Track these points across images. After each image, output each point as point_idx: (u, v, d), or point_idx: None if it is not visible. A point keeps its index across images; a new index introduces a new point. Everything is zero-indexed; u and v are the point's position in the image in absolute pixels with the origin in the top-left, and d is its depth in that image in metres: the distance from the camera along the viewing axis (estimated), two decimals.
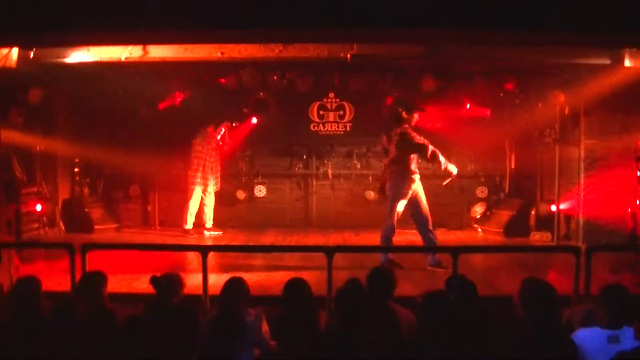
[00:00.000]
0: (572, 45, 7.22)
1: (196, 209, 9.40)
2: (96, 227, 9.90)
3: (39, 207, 8.97)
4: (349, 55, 7.39)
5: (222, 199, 9.92)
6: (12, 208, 7.15)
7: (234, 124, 9.92)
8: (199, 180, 9.31)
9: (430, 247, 8.21)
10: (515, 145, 10.20)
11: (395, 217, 7.39)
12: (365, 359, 3.37)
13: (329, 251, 5.38)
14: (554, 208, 9.07)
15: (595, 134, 8.48)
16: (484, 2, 5.22)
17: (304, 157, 10.54)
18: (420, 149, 7.27)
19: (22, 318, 4.08)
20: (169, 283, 4.46)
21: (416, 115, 7.45)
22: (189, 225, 9.38)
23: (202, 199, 9.48)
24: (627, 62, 7.43)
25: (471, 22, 5.28)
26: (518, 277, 4.10)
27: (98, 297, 4.36)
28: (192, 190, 9.35)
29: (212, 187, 9.52)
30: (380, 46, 7.46)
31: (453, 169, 7.42)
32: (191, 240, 9.09)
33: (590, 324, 3.76)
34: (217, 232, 9.55)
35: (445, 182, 8.20)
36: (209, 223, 9.56)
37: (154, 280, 4.45)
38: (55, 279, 5.99)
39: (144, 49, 7.47)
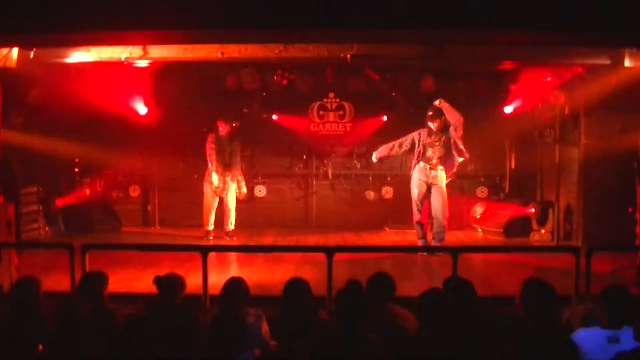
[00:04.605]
0: (572, 45, 7.22)
1: (209, 209, 9.10)
2: (96, 227, 9.90)
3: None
4: (349, 55, 7.40)
5: None
6: (12, 208, 7.13)
7: (234, 124, 9.89)
8: (208, 178, 9.02)
9: (430, 247, 8.28)
10: (515, 145, 10.20)
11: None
12: (365, 359, 3.37)
13: (329, 251, 5.39)
14: None
15: (595, 134, 8.48)
16: (484, 2, 5.22)
17: (304, 157, 10.54)
18: None
19: (22, 318, 4.08)
20: (171, 283, 4.46)
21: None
22: (208, 226, 9.13)
23: (222, 200, 9.18)
24: (627, 62, 7.43)
25: (471, 22, 5.28)
26: (518, 277, 4.11)
27: (98, 297, 4.37)
28: (204, 188, 9.15)
29: (230, 189, 9.09)
30: (380, 46, 7.46)
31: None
32: (191, 240, 9.05)
33: (590, 324, 3.76)
34: (231, 238, 9.17)
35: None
36: (227, 226, 9.21)
37: (157, 280, 4.45)
38: (55, 279, 6.01)
39: (144, 49, 7.47)
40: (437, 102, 8.18)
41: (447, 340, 3.48)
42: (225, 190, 9.10)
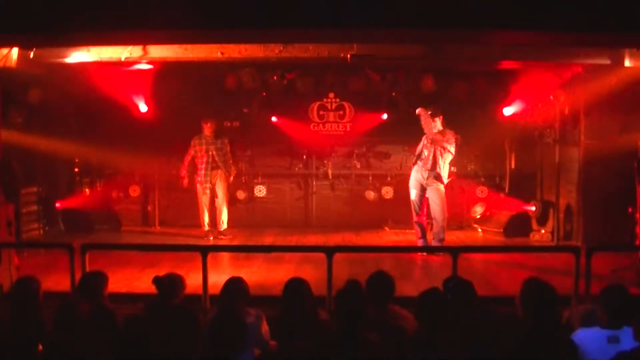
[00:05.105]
0: (572, 45, 7.22)
1: (204, 209, 9.17)
2: (96, 227, 9.90)
3: None
4: (349, 55, 7.40)
5: None
6: (12, 208, 7.14)
7: (230, 123, 9.90)
8: (199, 179, 9.18)
9: (430, 247, 8.27)
10: (515, 145, 10.19)
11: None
12: (365, 359, 3.37)
13: (329, 251, 5.39)
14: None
15: (595, 134, 8.48)
16: (484, 2, 5.22)
17: (304, 157, 10.53)
18: None
19: (22, 318, 4.08)
20: (171, 283, 4.46)
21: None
22: (205, 226, 9.19)
23: (214, 201, 9.24)
24: (627, 62, 7.44)
25: (471, 22, 5.28)
26: (518, 277, 4.11)
27: (98, 297, 4.36)
28: (196, 190, 9.23)
29: (219, 188, 9.15)
30: (380, 46, 7.46)
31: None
32: (191, 240, 9.04)
33: (590, 324, 3.76)
34: (225, 237, 9.22)
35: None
36: (219, 225, 9.25)
37: (156, 280, 4.45)
38: (55, 279, 6.01)
39: (144, 49, 7.47)
40: (417, 110, 8.17)
41: (447, 340, 3.48)
42: (215, 190, 9.14)
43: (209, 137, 9.09)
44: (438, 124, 8.17)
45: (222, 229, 9.24)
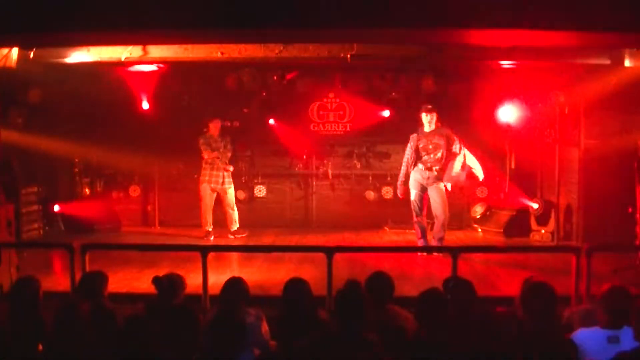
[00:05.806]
0: (572, 45, 7.21)
1: (208, 209, 9.16)
2: (96, 227, 9.90)
3: None
4: (349, 55, 7.40)
5: None
6: (12, 208, 7.14)
7: (230, 123, 9.90)
8: (207, 178, 9.15)
9: (430, 246, 8.27)
10: (515, 145, 10.19)
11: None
12: (365, 359, 3.36)
13: (329, 251, 5.39)
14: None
15: (595, 134, 8.48)
16: (484, 2, 5.22)
17: (304, 157, 10.53)
18: None
19: (22, 318, 4.08)
20: (170, 283, 4.46)
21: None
22: (208, 226, 9.17)
23: (222, 200, 9.26)
24: (627, 62, 7.44)
25: (471, 22, 5.28)
26: (518, 277, 4.11)
27: (98, 297, 4.36)
28: (200, 190, 9.22)
29: (228, 187, 9.17)
30: (380, 46, 7.46)
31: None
32: (191, 240, 9.04)
33: (590, 324, 3.76)
34: (241, 235, 9.26)
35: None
36: (232, 226, 9.24)
37: (156, 281, 4.45)
38: (55, 279, 6.01)
39: (144, 49, 7.48)
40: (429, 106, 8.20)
41: (447, 340, 3.48)
42: (225, 189, 9.14)
43: (216, 137, 9.10)
44: (433, 121, 8.13)
45: (234, 229, 9.24)
